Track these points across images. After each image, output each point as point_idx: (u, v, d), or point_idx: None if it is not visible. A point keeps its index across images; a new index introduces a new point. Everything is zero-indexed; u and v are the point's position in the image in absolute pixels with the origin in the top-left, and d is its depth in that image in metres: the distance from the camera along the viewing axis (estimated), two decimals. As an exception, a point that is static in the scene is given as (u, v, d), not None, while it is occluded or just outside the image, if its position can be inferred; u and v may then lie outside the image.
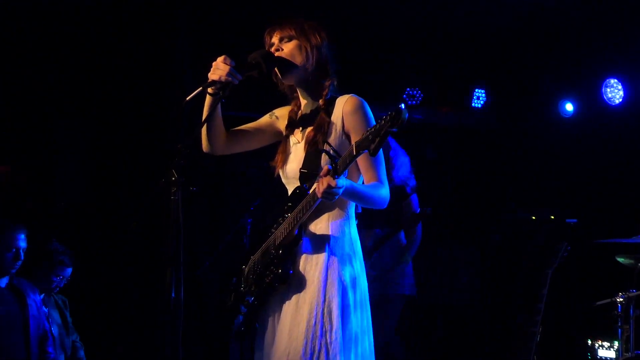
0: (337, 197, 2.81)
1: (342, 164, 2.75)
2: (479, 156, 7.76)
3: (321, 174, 2.77)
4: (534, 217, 7.09)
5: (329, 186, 2.74)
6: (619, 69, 6.63)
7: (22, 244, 4.60)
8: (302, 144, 3.14)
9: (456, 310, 7.40)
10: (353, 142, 2.74)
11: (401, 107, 2.59)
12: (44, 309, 4.76)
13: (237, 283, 3.24)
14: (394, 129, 2.57)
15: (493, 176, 7.71)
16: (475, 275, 7.58)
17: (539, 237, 6.92)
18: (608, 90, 6.66)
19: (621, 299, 4.79)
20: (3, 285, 4.59)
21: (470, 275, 7.56)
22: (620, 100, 6.60)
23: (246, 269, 3.22)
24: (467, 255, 7.57)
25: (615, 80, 6.62)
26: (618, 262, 4.95)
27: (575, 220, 6.73)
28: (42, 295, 4.81)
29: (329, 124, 3.07)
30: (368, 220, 5.73)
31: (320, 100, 3.14)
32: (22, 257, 4.59)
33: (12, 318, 4.51)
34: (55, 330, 4.85)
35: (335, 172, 2.74)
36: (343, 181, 2.79)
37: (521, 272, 7.00)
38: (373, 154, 2.64)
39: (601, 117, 6.85)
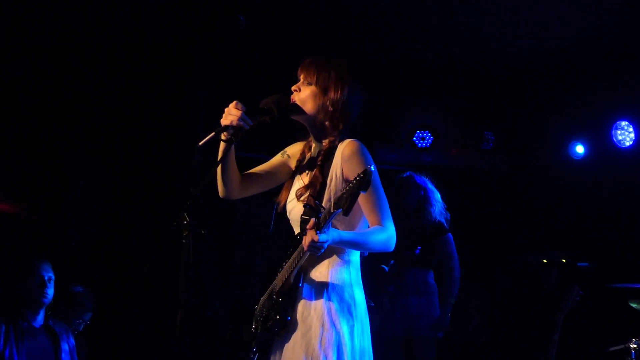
0: (322, 250, 2.83)
1: (323, 220, 2.78)
2: (489, 198, 7.74)
3: (307, 227, 2.80)
4: (545, 260, 7.05)
5: (313, 240, 2.76)
6: (630, 111, 6.64)
7: (46, 273, 4.58)
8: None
9: (466, 354, 7.33)
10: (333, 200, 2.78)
11: (370, 169, 2.66)
12: (76, 356, 4.71)
13: (250, 322, 3.25)
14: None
15: (503, 218, 7.67)
16: (485, 319, 7.52)
17: (550, 281, 6.88)
18: (619, 132, 6.66)
19: (635, 345, 4.74)
20: (38, 325, 4.54)
21: (480, 318, 7.50)
22: (631, 142, 6.60)
23: (257, 310, 3.23)
24: (477, 297, 7.52)
25: (626, 123, 6.63)
26: (631, 307, 4.91)
27: (587, 264, 6.69)
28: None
29: (325, 177, 3.08)
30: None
31: (324, 149, 3.15)
32: (50, 286, 4.56)
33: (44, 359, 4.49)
34: None
35: (318, 228, 2.76)
36: (328, 235, 2.80)
37: (532, 316, 6.93)
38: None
39: (612, 160, 6.83)
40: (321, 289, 3.02)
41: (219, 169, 3.15)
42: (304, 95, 3.11)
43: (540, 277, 7.05)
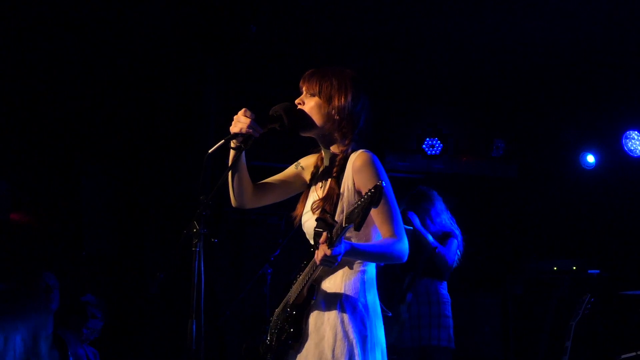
0: (335, 263, 2.82)
1: (335, 234, 2.75)
2: (500, 206, 7.73)
3: (320, 241, 2.78)
4: (555, 268, 7.03)
5: (325, 254, 2.76)
6: (640, 120, 6.65)
7: (50, 280, 4.61)
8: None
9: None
10: (345, 214, 2.75)
11: (381, 185, 2.63)
12: None
13: (265, 333, 3.25)
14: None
15: (514, 226, 7.67)
16: (497, 326, 7.49)
17: (561, 288, 6.85)
18: (629, 142, 6.66)
19: (646, 353, 4.72)
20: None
21: (491, 326, 7.47)
22: (642, 151, 6.60)
23: (272, 322, 3.23)
24: (489, 305, 7.49)
25: (637, 132, 6.63)
26: (643, 314, 4.89)
27: (598, 271, 6.67)
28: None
29: (340, 189, 3.05)
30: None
31: (337, 159, 3.12)
32: (56, 292, 4.59)
33: None
34: None
35: (330, 241, 2.75)
36: (340, 248, 2.78)
37: (544, 324, 6.91)
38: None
39: (622, 169, 6.84)
40: (335, 300, 3.01)
41: (230, 178, 3.13)
42: (308, 107, 3.09)
43: (551, 284, 7.03)
